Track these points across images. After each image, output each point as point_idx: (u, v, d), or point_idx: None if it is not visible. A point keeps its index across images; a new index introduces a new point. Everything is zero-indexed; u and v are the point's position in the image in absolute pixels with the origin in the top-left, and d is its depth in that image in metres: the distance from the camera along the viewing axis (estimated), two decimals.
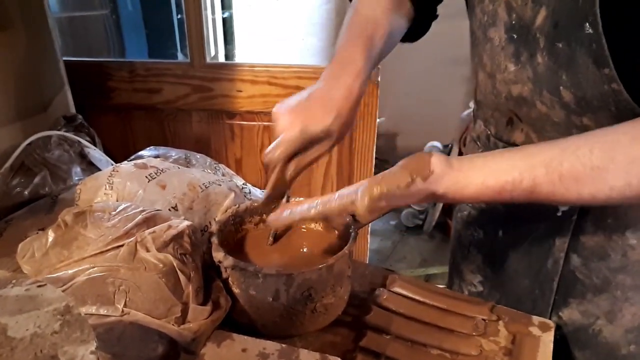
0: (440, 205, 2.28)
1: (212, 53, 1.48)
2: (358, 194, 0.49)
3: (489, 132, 0.69)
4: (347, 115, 0.59)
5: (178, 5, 1.82)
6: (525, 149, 0.50)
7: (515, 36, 0.55)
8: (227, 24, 1.70)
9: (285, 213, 0.56)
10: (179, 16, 1.79)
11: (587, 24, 0.46)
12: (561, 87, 0.51)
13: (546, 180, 0.46)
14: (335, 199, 0.53)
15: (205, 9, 1.35)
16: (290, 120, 0.57)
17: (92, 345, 0.29)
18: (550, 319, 0.64)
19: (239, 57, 1.80)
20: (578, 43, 0.47)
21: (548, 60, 0.51)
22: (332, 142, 0.59)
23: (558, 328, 0.63)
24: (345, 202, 0.52)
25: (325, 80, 0.61)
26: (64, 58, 1.19)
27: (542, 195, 0.47)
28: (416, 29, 0.73)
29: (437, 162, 0.49)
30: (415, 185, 0.48)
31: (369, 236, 1.54)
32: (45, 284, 0.33)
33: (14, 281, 0.33)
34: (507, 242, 0.69)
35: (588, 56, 0.47)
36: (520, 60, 0.55)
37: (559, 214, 0.61)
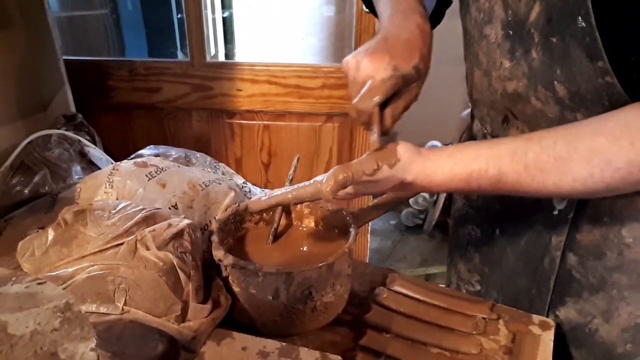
0: (440, 205, 2.27)
1: (212, 52, 1.48)
2: (324, 180, 0.50)
3: (485, 131, 0.69)
4: (428, 53, 0.56)
5: (178, 4, 1.82)
6: (493, 140, 0.51)
7: (510, 32, 0.55)
8: (227, 23, 1.71)
9: (263, 197, 0.59)
10: (179, 15, 1.79)
11: (580, 18, 0.46)
12: (555, 82, 0.51)
13: (511, 169, 0.47)
14: (309, 184, 0.55)
15: (205, 8, 1.35)
16: (376, 63, 0.52)
17: (92, 343, 0.29)
18: (547, 317, 0.64)
19: (239, 57, 1.80)
20: (572, 37, 0.47)
21: (542, 55, 0.51)
22: (421, 83, 0.56)
23: (556, 327, 0.63)
24: (315, 185, 0.54)
25: (393, 26, 0.57)
26: (64, 57, 1.19)
27: (508, 185, 0.48)
28: (431, 18, 0.72)
29: (403, 150, 0.50)
30: (381, 173, 0.49)
31: (369, 235, 1.53)
32: (45, 282, 0.33)
33: (14, 278, 0.33)
34: (504, 241, 0.69)
35: (582, 50, 0.47)
36: (515, 56, 0.55)
37: (555, 212, 0.61)
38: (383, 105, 0.53)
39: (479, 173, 0.48)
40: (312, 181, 0.56)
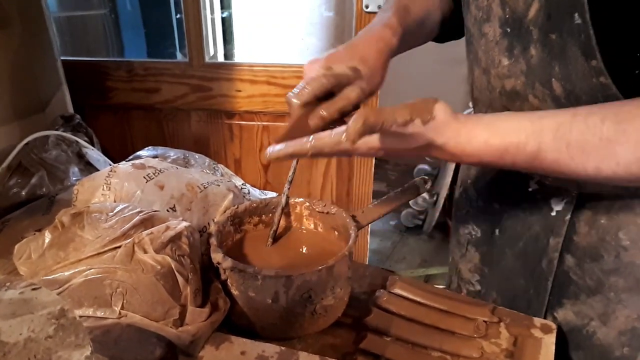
0: (440, 206, 2.27)
1: (211, 52, 1.47)
2: (351, 120, 0.44)
3: None
4: (375, 60, 0.57)
5: (177, 4, 1.81)
6: (537, 113, 0.48)
7: (508, 30, 0.54)
8: (226, 23, 1.70)
9: (279, 146, 0.51)
10: (178, 16, 1.78)
11: (577, 14, 0.45)
12: (553, 79, 0.51)
13: (552, 147, 0.44)
14: (330, 133, 0.49)
15: (204, 8, 1.34)
16: (314, 64, 0.56)
17: (87, 350, 0.29)
18: (545, 319, 0.64)
19: (238, 57, 1.79)
20: (569, 34, 0.47)
21: (542, 52, 0.51)
22: (362, 88, 0.55)
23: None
24: (338, 132, 0.48)
25: (353, 38, 0.61)
26: (62, 57, 1.18)
27: (545, 163, 0.45)
28: (449, 29, 0.72)
29: (440, 108, 0.46)
30: (413, 126, 0.45)
31: (368, 236, 1.53)
32: (40, 287, 0.32)
33: (8, 284, 0.32)
34: (503, 241, 0.69)
35: (577, 47, 0.47)
36: (514, 53, 0.55)
37: (553, 213, 0.61)
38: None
39: (516, 147, 0.45)
40: (332, 132, 0.49)
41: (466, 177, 0.76)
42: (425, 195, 2.30)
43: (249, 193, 0.84)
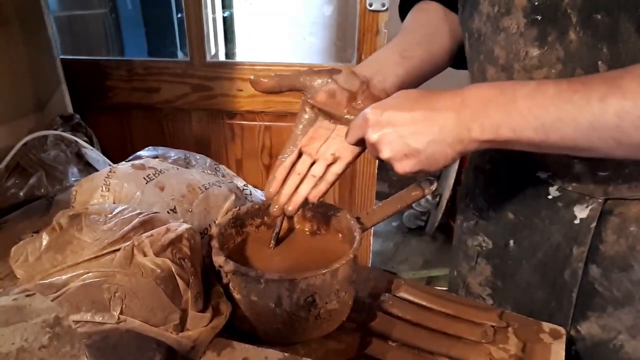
0: (442, 207, 2.25)
1: (212, 52, 1.46)
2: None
3: None
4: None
5: (178, 3, 1.80)
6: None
7: (539, 18, 0.52)
8: (228, 22, 1.69)
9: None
10: (179, 15, 1.77)
11: None
12: (600, 62, 0.49)
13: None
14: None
15: (206, 7, 1.33)
16: None
17: None
18: (569, 332, 0.62)
19: (240, 56, 1.78)
20: (622, 10, 0.45)
21: (584, 35, 0.49)
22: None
23: (575, 342, 0.61)
24: None
25: None
26: (62, 56, 1.17)
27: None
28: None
29: None
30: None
31: (371, 238, 1.52)
32: (34, 294, 0.31)
33: (0, 290, 0.31)
34: (518, 253, 0.67)
35: (632, 23, 0.45)
36: (547, 41, 0.52)
37: (577, 221, 0.58)
38: None
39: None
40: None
41: (473, 186, 0.74)
42: (427, 196, 2.29)
43: (250, 194, 0.83)
